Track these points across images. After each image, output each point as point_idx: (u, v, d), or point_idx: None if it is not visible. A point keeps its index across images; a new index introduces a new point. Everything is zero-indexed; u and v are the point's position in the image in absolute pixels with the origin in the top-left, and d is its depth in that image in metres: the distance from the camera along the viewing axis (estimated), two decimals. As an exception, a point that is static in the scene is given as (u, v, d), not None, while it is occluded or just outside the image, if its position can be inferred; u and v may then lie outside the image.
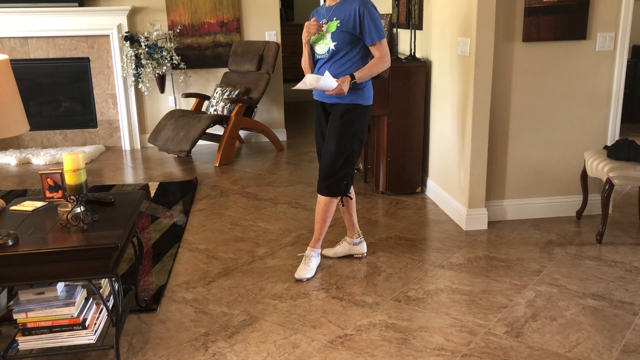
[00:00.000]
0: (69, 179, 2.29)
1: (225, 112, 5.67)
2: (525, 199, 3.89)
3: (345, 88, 2.85)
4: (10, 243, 2.16)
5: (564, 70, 3.70)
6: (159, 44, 5.88)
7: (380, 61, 2.95)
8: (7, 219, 2.43)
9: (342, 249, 3.36)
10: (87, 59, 6.05)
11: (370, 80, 3.06)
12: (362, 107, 3.01)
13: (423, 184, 4.53)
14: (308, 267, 3.11)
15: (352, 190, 3.23)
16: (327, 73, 2.83)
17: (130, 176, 5.23)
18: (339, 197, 3.07)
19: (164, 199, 4.45)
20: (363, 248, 3.36)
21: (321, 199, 3.08)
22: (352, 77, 2.88)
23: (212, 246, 3.58)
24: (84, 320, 2.30)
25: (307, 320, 2.70)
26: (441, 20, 4.06)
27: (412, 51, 4.37)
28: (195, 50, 6.17)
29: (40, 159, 5.66)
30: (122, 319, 2.43)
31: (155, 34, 5.90)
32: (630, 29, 3.67)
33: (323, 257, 3.33)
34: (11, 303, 2.52)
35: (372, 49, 2.96)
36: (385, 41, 2.98)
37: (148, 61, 5.76)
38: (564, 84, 3.72)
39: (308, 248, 3.19)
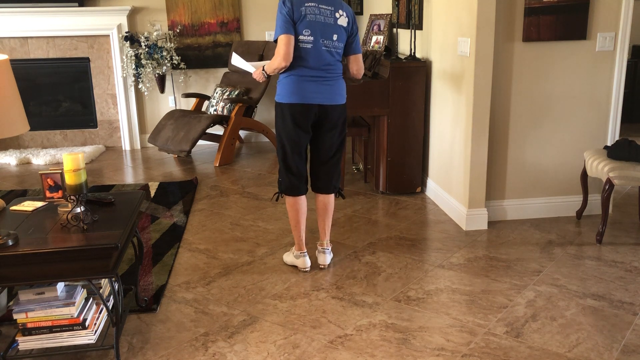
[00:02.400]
0: (69, 179, 2.29)
1: (225, 112, 5.67)
2: (525, 199, 3.89)
3: (257, 75, 3.07)
4: (10, 243, 2.16)
5: (564, 70, 3.70)
6: (159, 44, 5.87)
7: (273, 59, 2.95)
8: (7, 219, 2.43)
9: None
10: (87, 59, 6.05)
11: (287, 78, 2.98)
12: (276, 105, 3.05)
13: (423, 184, 4.53)
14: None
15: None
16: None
17: (130, 176, 5.23)
18: (278, 194, 3.23)
19: (164, 199, 4.45)
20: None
21: (330, 197, 3.21)
22: (263, 68, 3.04)
23: (212, 246, 3.58)
24: (84, 320, 2.30)
25: (307, 320, 2.70)
26: (441, 20, 4.06)
27: (412, 51, 4.37)
28: (195, 50, 6.17)
29: (40, 159, 5.66)
30: (122, 319, 2.43)
31: (155, 34, 5.90)
32: (630, 29, 3.67)
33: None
34: (11, 303, 2.51)
35: None
36: (280, 39, 2.89)
37: (148, 61, 5.76)
38: (564, 84, 3.72)
39: (326, 242, 3.27)
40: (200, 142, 5.87)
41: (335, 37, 2.96)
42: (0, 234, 2.17)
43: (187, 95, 5.92)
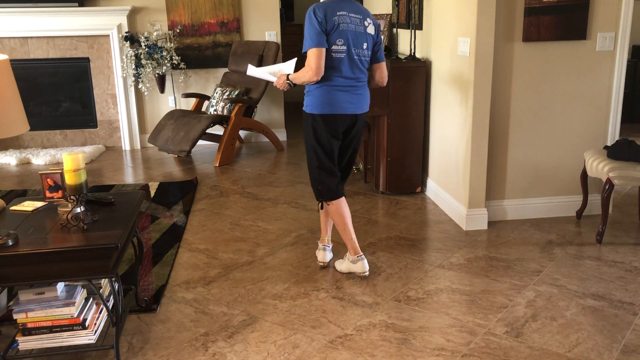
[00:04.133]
0: (69, 179, 2.29)
1: (225, 112, 5.67)
2: (525, 199, 3.89)
3: (280, 84, 3.05)
4: (10, 243, 2.16)
5: (564, 70, 3.70)
6: (159, 44, 5.87)
7: (302, 71, 2.87)
8: (7, 219, 2.43)
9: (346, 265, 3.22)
10: (87, 59, 6.05)
11: (319, 89, 2.90)
12: (305, 115, 3.00)
13: (423, 184, 4.53)
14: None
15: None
16: (286, 65, 3.06)
17: (130, 176, 5.23)
18: (321, 202, 3.15)
19: (164, 199, 4.45)
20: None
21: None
22: (288, 77, 3.01)
23: (212, 246, 3.58)
24: (84, 320, 2.30)
25: (307, 320, 2.70)
26: (441, 20, 4.06)
27: (412, 51, 4.37)
28: (195, 50, 6.17)
29: (40, 159, 5.66)
30: (122, 319, 2.43)
31: (155, 34, 5.90)
32: (630, 29, 3.67)
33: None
34: (11, 303, 2.51)
35: None
36: (310, 53, 2.82)
37: (148, 61, 5.76)
38: (564, 84, 3.72)
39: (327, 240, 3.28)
40: (200, 142, 5.87)
41: (365, 45, 2.93)
42: (0, 234, 2.17)
43: (187, 95, 5.92)
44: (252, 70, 3.21)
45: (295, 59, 3.18)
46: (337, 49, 2.86)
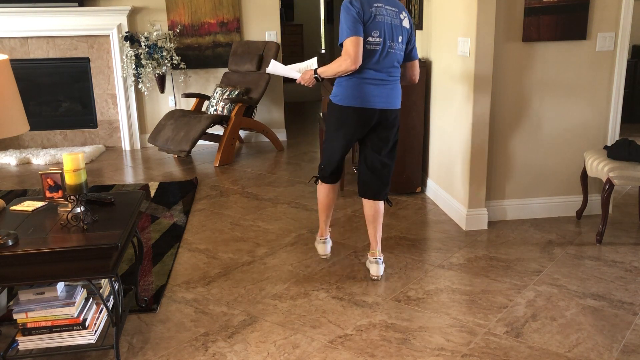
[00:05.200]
0: (69, 179, 2.29)
1: (225, 112, 5.67)
2: (525, 199, 3.89)
3: (306, 80, 3.01)
4: (10, 243, 2.16)
5: (564, 70, 3.70)
6: (159, 44, 5.88)
7: (338, 61, 2.80)
8: (7, 219, 2.43)
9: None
10: (87, 59, 6.05)
11: (349, 80, 2.86)
12: (332, 104, 2.97)
13: (423, 184, 4.53)
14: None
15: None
16: (311, 62, 3.06)
17: (130, 176, 5.23)
18: (317, 178, 3.22)
19: (164, 199, 4.45)
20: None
21: (379, 204, 3.07)
22: (315, 72, 2.97)
23: (212, 246, 3.58)
24: (84, 320, 2.30)
25: (307, 320, 2.70)
26: (441, 20, 4.06)
27: (412, 51, 4.37)
28: (195, 50, 6.17)
29: (40, 159, 5.66)
30: (122, 319, 2.43)
31: (155, 34, 5.90)
32: (630, 29, 3.67)
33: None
34: (11, 303, 2.51)
35: None
36: (348, 41, 2.74)
37: (148, 61, 5.76)
38: (564, 84, 3.72)
39: (378, 252, 3.12)
40: (200, 142, 5.87)
41: (400, 39, 2.87)
42: (0, 234, 2.17)
43: (187, 95, 5.92)
44: (275, 67, 3.13)
45: (316, 57, 3.18)
46: (372, 41, 2.79)
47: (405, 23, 2.90)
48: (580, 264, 3.23)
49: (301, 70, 3.08)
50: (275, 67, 3.13)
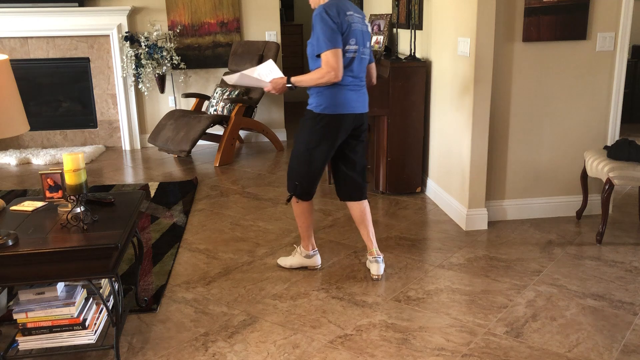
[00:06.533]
0: (69, 179, 2.29)
1: (225, 112, 5.67)
2: (525, 199, 3.89)
3: (278, 90, 2.98)
4: (10, 243, 2.16)
5: (564, 70, 3.70)
6: (159, 44, 5.88)
7: (319, 73, 2.79)
8: (7, 219, 2.43)
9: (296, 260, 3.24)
10: (87, 59, 6.05)
11: (330, 89, 2.85)
12: (315, 115, 2.92)
13: (423, 184, 4.53)
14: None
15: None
16: (265, 65, 3.00)
17: (130, 176, 5.23)
18: (291, 196, 3.07)
19: (164, 199, 4.45)
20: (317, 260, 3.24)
21: (365, 203, 3.12)
22: (289, 80, 2.94)
23: (212, 246, 3.58)
24: (84, 320, 2.30)
25: (307, 320, 2.70)
26: (441, 20, 4.06)
27: (412, 51, 4.37)
28: (195, 50, 6.17)
29: (40, 159, 5.66)
30: (122, 319, 2.43)
31: (155, 34, 5.90)
32: (630, 29, 3.67)
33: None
34: (11, 303, 2.52)
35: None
36: (330, 54, 2.74)
37: (148, 61, 5.76)
38: (564, 84, 3.72)
39: (375, 251, 3.11)
40: (200, 142, 5.87)
41: (368, 44, 2.96)
42: (0, 234, 2.17)
43: (187, 95, 5.92)
44: (237, 78, 3.02)
45: (271, 59, 3.18)
46: (350, 49, 2.84)
47: (369, 29, 3.02)
48: (580, 264, 3.23)
49: (261, 75, 3.02)
50: (242, 79, 3.03)
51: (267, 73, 3.03)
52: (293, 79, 2.94)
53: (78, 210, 2.35)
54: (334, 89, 2.86)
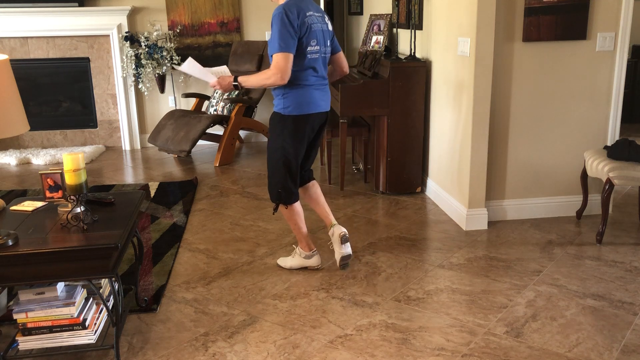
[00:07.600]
0: (69, 179, 2.29)
1: (225, 112, 5.67)
2: (525, 199, 3.89)
3: (224, 87, 3.00)
4: (10, 243, 2.16)
5: (564, 70, 3.70)
6: (159, 44, 5.88)
7: (265, 74, 2.82)
8: (7, 219, 2.43)
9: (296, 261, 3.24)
10: (87, 59, 6.05)
11: (297, 90, 2.88)
12: (283, 117, 2.93)
13: (423, 184, 4.53)
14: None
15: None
16: (221, 69, 3.05)
17: (130, 176, 5.23)
18: (277, 205, 3.10)
19: (164, 199, 4.45)
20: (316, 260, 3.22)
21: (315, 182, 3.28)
22: (235, 79, 2.98)
23: (212, 246, 3.58)
24: (84, 320, 2.30)
25: (307, 320, 2.70)
26: (441, 20, 4.06)
27: (412, 51, 4.37)
28: (195, 50, 6.17)
29: (40, 159, 5.66)
30: (122, 319, 2.43)
31: (155, 34, 5.90)
32: (630, 29, 3.67)
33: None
34: (11, 303, 2.51)
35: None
36: (281, 56, 2.75)
37: (148, 61, 5.76)
38: (564, 84, 3.72)
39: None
40: (200, 142, 5.87)
41: (328, 43, 3.01)
42: (0, 234, 2.17)
43: (187, 95, 5.92)
44: (191, 67, 3.02)
45: (225, 65, 3.23)
46: (312, 50, 2.88)
47: (329, 26, 3.04)
48: (580, 264, 3.23)
49: (215, 74, 3.05)
50: (191, 67, 3.04)
51: (219, 73, 3.08)
52: (240, 78, 2.97)
53: (78, 210, 2.35)
54: (299, 89, 2.90)
